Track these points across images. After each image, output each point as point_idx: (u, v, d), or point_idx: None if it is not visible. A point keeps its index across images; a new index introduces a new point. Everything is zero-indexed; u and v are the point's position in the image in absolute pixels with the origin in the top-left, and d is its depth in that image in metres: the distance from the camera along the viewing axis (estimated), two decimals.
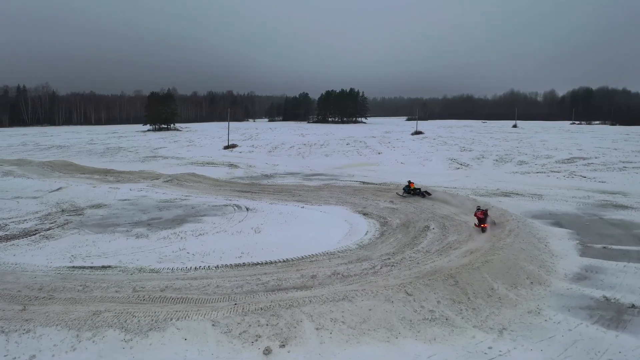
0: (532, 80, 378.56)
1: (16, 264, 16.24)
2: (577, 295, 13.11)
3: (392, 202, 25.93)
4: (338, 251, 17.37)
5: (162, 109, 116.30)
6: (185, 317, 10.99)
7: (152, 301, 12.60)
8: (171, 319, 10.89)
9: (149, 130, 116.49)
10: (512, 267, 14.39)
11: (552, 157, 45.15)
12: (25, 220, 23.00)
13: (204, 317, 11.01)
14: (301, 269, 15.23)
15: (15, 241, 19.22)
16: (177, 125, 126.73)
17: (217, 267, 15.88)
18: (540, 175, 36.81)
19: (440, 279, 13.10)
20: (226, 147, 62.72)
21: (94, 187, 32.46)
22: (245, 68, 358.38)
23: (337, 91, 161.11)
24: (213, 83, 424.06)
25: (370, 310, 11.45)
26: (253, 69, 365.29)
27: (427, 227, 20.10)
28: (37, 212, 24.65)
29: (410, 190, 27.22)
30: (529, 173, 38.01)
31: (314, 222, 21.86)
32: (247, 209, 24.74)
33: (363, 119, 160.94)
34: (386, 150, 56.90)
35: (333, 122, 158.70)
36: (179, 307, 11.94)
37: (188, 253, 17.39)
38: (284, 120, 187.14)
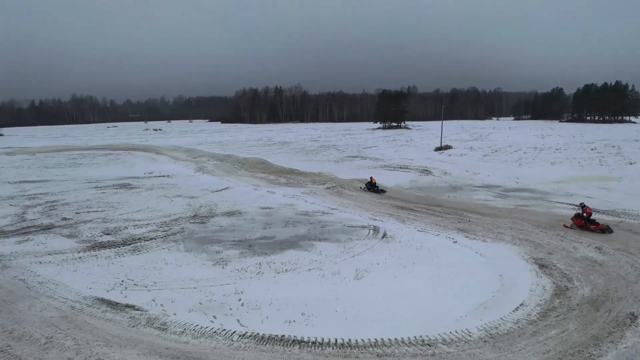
0: None
1: (46, 285, 13.90)
2: None
3: (598, 248, 16.47)
4: (447, 340, 10.29)
5: (392, 107, 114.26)
6: None
7: None
8: None
9: (378, 128, 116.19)
10: None
11: None
12: (147, 224, 21.50)
13: None
14: None
15: (99, 251, 17.34)
16: (409, 123, 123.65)
17: (242, 335, 10.74)
18: None
19: None
20: (438, 149, 55.97)
21: (256, 189, 30.42)
22: (492, 63, 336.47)
23: (598, 85, 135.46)
24: (455, 80, 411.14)
25: None
26: (500, 64, 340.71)
27: (634, 316, 11.05)
28: (170, 216, 23.16)
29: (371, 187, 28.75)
30: None
31: (453, 269, 14.65)
32: (384, 236, 18.70)
33: (633, 119, 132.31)
34: None
35: (591, 121, 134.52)
36: None
37: (239, 301, 12.64)
38: (532, 119, 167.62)
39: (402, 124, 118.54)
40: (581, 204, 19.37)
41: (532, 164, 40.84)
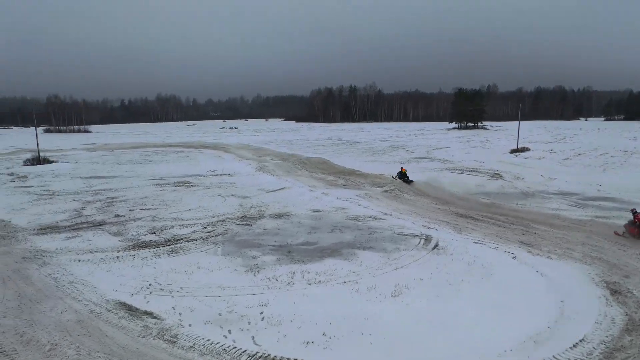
0: None
1: (74, 285, 13.72)
2: None
3: None
4: None
5: (468, 107, 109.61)
6: None
7: None
8: None
9: (453, 128, 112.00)
10: None
11: None
12: (194, 224, 21.21)
13: None
14: None
15: (138, 251, 17.14)
16: (487, 123, 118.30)
17: (251, 356, 9.86)
18: None
19: None
20: (514, 151, 52.43)
21: (311, 190, 29.55)
22: (581, 59, 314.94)
23: None
24: (540, 78, 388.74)
25: None
26: (591, 60, 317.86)
27: None
28: (218, 216, 22.80)
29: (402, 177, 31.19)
30: None
31: (506, 290, 12.84)
32: (435, 247, 17.09)
33: None
34: None
35: None
36: None
37: (260, 314, 11.72)
38: (625, 119, 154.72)
39: (479, 124, 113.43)
40: (633, 209, 17.89)
41: (618, 170, 36.89)
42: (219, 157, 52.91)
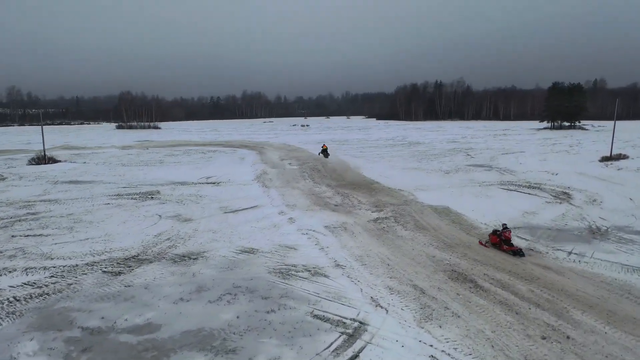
0: None
1: None
2: None
3: None
4: None
5: (564, 104, 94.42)
6: None
7: None
8: None
9: (544, 128, 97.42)
10: None
11: None
12: (43, 269, 14.20)
13: None
14: None
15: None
16: (588, 122, 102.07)
17: None
18: None
19: None
20: (605, 159, 40.45)
21: (281, 213, 21.68)
22: None
23: None
24: None
25: None
26: None
27: None
28: (104, 253, 15.90)
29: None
30: None
31: None
32: (356, 357, 8.65)
33: None
34: None
35: None
36: None
37: None
38: None
39: (577, 123, 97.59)
40: (504, 224, 16.80)
41: None
42: (240, 159, 46.32)
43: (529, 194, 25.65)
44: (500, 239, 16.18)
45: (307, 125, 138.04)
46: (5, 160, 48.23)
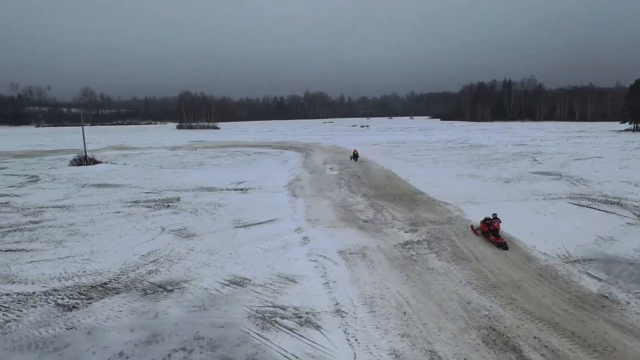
0: None
1: None
2: None
3: None
4: None
5: None
6: None
7: None
8: None
9: (626, 130, 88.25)
10: None
11: None
12: None
13: None
14: None
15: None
16: None
17: None
18: None
19: None
20: None
21: (298, 231, 18.56)
22: None
23: None
24: None
25: None
26: None
27: None
28: (74, 278, 13.51)
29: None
30: None
31: None
32: None
33: None
34: None
35: None
36: None
37: None
38: None
39: None
40: (494, 214, 17.04)
41: None
42: (282, 162, 43.71)
43: (605, 211, 21.03)
44: (489, 229, 16.25)
45: (366, 126, 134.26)
46: (53, 160, 48.46)
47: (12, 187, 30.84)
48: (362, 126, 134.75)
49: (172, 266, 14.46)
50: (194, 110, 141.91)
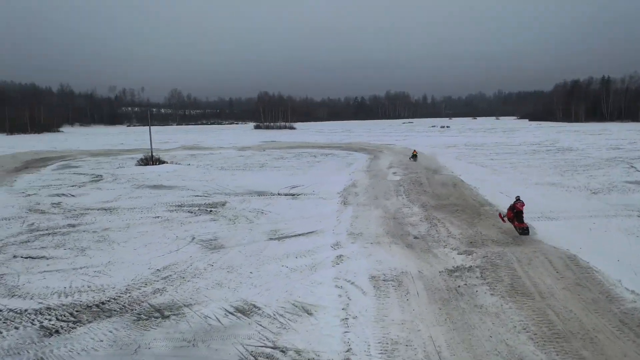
0: None
1: None
2: None
3: None
4: None
5: None
6: None
7: None
8: None
9: None
10: None
11: None
12: None
13: None
14: None
15: None
16: None
17: None
18: None
19: None
20: None
21: (335, 247, 16.47)
22: None
23: None
24: None
25: None
26: None
27: None
28: (79, 293, 12.32)
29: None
30: None
31: None
32: None
33: None
34: None
35: None
36: None
37: None
38: None
39: None
40: (517, 197, 16.72)
41: None
42: (346, 165, 41.74)
43: None
44: (513, 213, 15.98)
45: (446, 127, 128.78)
46: (124, 159, 49.79)
47: (73, 186, 31.35)
48: (442, 127, 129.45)
49: (181, 285, 12.93)
50: (271, 110, 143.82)
